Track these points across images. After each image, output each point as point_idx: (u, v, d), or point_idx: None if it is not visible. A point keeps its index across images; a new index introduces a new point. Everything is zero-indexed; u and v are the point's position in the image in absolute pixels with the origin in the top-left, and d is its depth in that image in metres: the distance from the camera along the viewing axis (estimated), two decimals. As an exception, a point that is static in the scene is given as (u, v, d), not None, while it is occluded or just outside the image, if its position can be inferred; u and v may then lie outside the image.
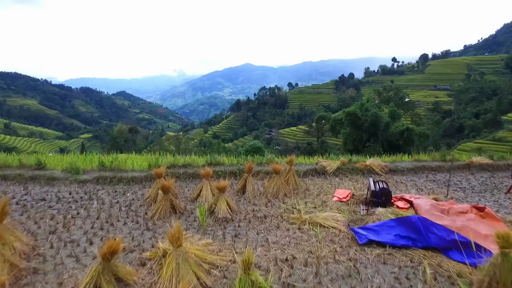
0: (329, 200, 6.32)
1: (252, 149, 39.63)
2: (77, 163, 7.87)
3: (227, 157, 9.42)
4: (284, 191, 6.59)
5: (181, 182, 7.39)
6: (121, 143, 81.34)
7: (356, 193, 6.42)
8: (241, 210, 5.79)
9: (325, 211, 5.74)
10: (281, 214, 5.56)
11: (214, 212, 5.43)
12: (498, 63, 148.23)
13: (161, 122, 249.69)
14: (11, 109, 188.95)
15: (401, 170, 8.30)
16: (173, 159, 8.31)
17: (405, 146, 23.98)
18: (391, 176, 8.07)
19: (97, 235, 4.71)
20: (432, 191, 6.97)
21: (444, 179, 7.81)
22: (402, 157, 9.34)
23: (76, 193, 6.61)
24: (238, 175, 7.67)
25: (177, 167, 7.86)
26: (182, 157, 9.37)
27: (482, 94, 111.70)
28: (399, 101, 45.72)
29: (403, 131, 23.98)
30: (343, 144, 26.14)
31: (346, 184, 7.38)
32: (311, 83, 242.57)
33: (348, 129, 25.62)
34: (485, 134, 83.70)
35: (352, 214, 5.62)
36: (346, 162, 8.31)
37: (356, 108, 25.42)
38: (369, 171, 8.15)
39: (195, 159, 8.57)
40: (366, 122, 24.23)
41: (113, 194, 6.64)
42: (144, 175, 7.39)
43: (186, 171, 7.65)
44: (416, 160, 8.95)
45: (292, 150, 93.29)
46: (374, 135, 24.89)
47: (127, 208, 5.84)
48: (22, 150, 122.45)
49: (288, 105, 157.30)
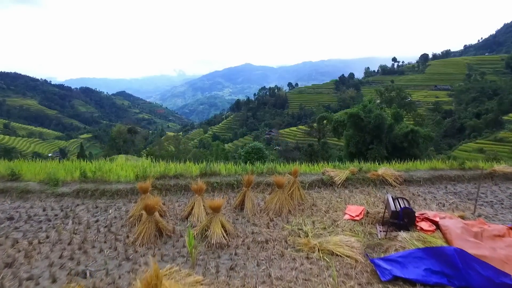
0: (340, 218, 5.51)
1: (253, 151, 38.69)
2: (57, 173, 7.05)
3: (225, 163, 8.66)
4: (288, 207, 5.78)
5: (171, 196, 6.58)
6: (120, 143, 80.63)
7: (371, 210, 5.60)
8: (238, 232, 4.98)
9: (336, 233, 4.93)
10: (285, 238, 4.75)
11: (207, 237, 4.63)
12: (499, 63, 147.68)
13: (161, 122, 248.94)
14: (11, 109, 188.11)
15: (417, 181, 7.49)
16: (164, 167, 7.48)
17: (410, 149, 23.20)
18: (406, 187, 7.26)
19: (65, 268, 3.90)
20: (455, 206, 6.16)
21: (466, 191, 7.01)
22: (416, 164, 8.50)
23: (51, 210, 5.79)
24: (236, 187, 6.86)
25: (167, 178, 7.04)
26: (174, 164, 8.54)
27: (482, 94, 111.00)
28: (401, 101, 44.93)
29: (407, 133, 23.20)
30: (346, 146, 25.34)
31: (357, 197, 6.56)
32: (311, 83, 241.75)
33: (351, 131, 24.84)
34: (486, 135, 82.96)
35: (368, 237, 4.81)
36: (355, 172, 7.50)
37: (358, 110, 24.64)
38: (382, 182, 7.34)
39: (188, 168, 7.75)
40: (370, 124, 23.45)
41: (93, 210, 5.82)
42: (130, 188, 6.57)
43: (178, 182, 6.83)
44: (432, 168, 8.13)
45: (292, 150, 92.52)
46: (377, 137, 24.11)
47: (107, 230, 5.03)
48: (21, 150, 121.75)
49: (288, 105, 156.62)
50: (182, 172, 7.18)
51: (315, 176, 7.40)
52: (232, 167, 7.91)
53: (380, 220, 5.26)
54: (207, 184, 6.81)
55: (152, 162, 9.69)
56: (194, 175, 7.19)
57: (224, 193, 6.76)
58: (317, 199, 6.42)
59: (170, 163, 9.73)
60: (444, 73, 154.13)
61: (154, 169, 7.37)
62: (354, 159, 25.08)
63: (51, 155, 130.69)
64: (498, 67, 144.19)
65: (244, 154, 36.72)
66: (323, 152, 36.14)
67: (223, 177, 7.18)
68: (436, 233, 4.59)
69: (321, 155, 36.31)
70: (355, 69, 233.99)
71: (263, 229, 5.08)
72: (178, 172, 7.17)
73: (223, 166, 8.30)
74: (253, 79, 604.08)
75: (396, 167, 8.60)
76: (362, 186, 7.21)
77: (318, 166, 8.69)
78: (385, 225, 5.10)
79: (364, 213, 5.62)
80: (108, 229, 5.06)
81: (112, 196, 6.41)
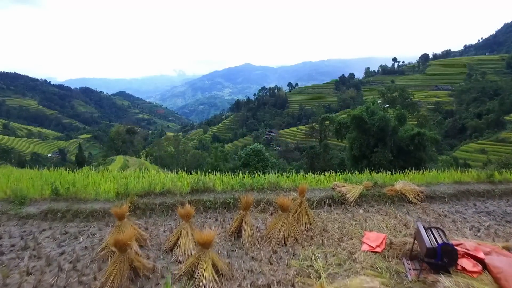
0: (357, 248, 4.55)
1: (253, 153, 37.74)
2: (25, 189, 6.08)
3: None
4: (294, 234, 4.81)
5: (157, 218, 5.61)
6: (118, 144, 79.70)
7: (395, 240, 4.63)
8: (234, 270, 4.01)
9: (355, 271, 3.97)
10: (292, 280, 3.79)
11: (194, 279, 3.67)
12: (499, 63, 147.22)
13: (160, 122, 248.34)
14: (10, 110, 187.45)
15: (441, 197, 6.52)
16: (149, 183, 6.50)
17: (416, 152, 22.25)
18: (429, 204, 6.30)
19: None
20: (493, 231, 5.18)
21: (500, 210, 6.03)
22: (437, 176, 7.51)
23: (8, 238, 4.81)
24: (232, 207, 5.89)
25: (153, 196, 6.07)
26: (164, 175, 7.58)
27: (483, 94, 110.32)
28: (404, 102, 43.95)
29: (413, 135, 22.22)
30: (349, 149, 24.37)
31: (374, 219, 5.59)
32: (311, 83, 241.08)
33: (354, 134, 23.88)
34: (488, 135, 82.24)
35: (395, 278, 3.85)
36: (370, 187, 6.53)
37: (362, 111, 23.67)
38: (400, 199, 6.37)
39: (178, 181, 6.77)
40: (373, 127, 22.50)
41: (60, 238, 4.85)
42: (108, 207, 5.60)
43: (165, 201, 5.85)
44: (456, 182, 7.15)
45: (292, 150, 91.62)
46: (382, 140, 23.15)
47: (71, 267, 4.05)
48: (20, 151, 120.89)
49: (288, 105, 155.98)
50: (170, 188, 6.20)
51: (323, 192, 6.42)
52: (229, 180, 6.94)
53: (408, 253, 4.29)
54: (198, 203, 5.86)
55: (141, 172, 8.71)
56: (184, 191, 6.22)
57: (218, 213, 5.79)
58: (327, 222, 5.45)
59: (159, 173, 8.77)
60: (444, 73, 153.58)
61: (138, 184, 6.38)
62: (358, 163, 24.21)
63: (50, 155, 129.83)
64: (498, 67, 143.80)
65: (244, 156, 35.78)
66: (325, 154, 35.24)
67: (217, 194, 6.20)
68: (484, 275, 3.63)
69: (322, 157, 35.46)
70: (355, 69, 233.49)
71: (264, 266, 4.11)
72: (166, 188, 6.19)
73: (218, 178, 7.34)
74: (253, 79, 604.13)
75: (412, 178, 7.64)
76: (378, 203, 6.24)
77: (326, 178, 7.72)
78: (414, 260, 4.14)
79: (385, 242, 4.66)
80: (73, 266, 4.09)
81: (86, 218, 5.43)
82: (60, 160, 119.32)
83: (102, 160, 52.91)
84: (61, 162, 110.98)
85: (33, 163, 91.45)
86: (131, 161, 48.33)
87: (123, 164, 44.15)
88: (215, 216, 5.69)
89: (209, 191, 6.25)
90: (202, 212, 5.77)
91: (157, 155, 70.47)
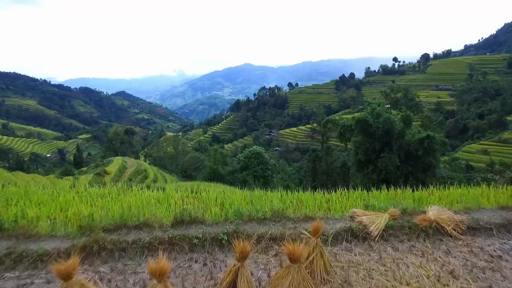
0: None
1: (252, 155, 36.40)
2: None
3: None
4: (308, 292, 3.55)
5: (127, 262, 4.32)
6: (117, 145, 78.46)
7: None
8: None
9: None
10: None
11: None
12: (500, 62, 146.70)
13: (160, 122, 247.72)
14: (10, 109, 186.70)
15: (486, 228, 5.24)
16: (122, 211, 5.22)
17: (426, 157, 21.04)
18: (473, 238, 5.02)
19: None
20: None
21: None
22: (476, 198, 6.22)
23: None
24: (226, 245, 4.62)
25: (125, 229, 4.79)
26: (146, 196, 6.31)
27: (485, 94, 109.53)
28: (409, 102, 42.68)
29: (422, 139, 21.01)
30: (354, 153, 23.17)
31: (409, 265, 4.30)
32: (311, 83, 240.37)
33: (359, 138, 22.67)
34: (490, 136, 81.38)
35: None
36: (397, 216, 5.26)
37: (366, 114, 22.47)
38: (436, 231, 5.10)
39: (155, 211, 5.49)
40: (379, 130, 21.30)
41: (-9, 298, 3.60)
42: (67, 247, 4.33)
43: (139, 238, 4.56)
44: (501, 207, 5.86)
45: (293, 151, 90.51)
46: (388, 144, 21.95)
47: None
48: (19, 151, 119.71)
49: (288, 106, 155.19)
50: (148, 219, 4.92)
51: (340, 223, 5.14)
52: (223, 210, 5.65)
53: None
54: (183, 240, 4.59)
55: (122, 188, 7.45)
56: (165, 223, 4.94)
57: (208, 254, 4.52)
58: (349, 269, 4.17)
59: (143, 191, 7.50)
60: (445, 73, 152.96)
61: (106, 217, 5.09)
62: (364, 168, 22.99)
63: (50, 155, 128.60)
64: (499, 67, 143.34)
65: (243, 159, 34.57)
66: (327, 157, 34.00)
67: (207, 227, 4.92)
68: None
69: (325, 161, 34.20)
70: (355, 69, 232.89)
71: None
72: (143, 220, 4.91)
73: (212, 198, 6.08)
74: (253, 79, 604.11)
75: (438, 198, 6.38)
76: (410, 238, 4.95)
77: (338, 197, 6.45)
78: None
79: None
80: None
81: (34, 263, 4.15)
82: (59, 160, 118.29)
83: (100, 161, 51.85)
84: (60, 162, 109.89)
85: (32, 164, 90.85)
86: (129, 162, 47.21)
87: (121, 166, 43.04)
88: (203, 258, 4.41)
89: (197, 222, 4.97)
90: (187, 253, 4.49)
91: (156, 156, 69.48)
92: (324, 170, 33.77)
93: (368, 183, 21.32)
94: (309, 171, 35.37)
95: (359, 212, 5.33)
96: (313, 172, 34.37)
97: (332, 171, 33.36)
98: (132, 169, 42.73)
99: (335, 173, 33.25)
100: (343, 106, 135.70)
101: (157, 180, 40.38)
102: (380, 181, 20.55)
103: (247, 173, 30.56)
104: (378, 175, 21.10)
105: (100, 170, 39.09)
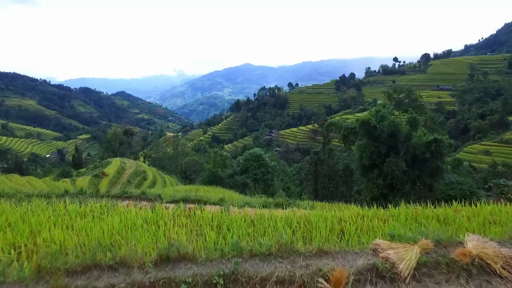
0: None
1: (252, 158, 35.79)
2: None
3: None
4: None
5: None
6: (116, 146, 77.65)
7: None
8: None
9: None
10: None
11: None
12: (501, 62, 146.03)
13: (160, 122, 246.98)
14: (9, 110, 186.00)
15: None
16: (96, 245, 4.11)
17: (434, 161, 20.44)
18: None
19: None
20: None
21: None
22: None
23: None
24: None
25: (97, 270, 3.71)
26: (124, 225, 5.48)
27: (486, 94, 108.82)
28: (413, 103, 42.00)
29: (429, 142, 20.38)
30: (359, 158, 22.54)
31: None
32: (311, 83, 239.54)
33: (364, 141, 22.05)
34: (491, 136, 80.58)
35: None
36: (431, 249, 4.28)
37: (370, 116, 21.80)
38: (480, 269, 4.08)
39: (138, 241, 4.71)
40: (383, 133, 20.66)
41: None
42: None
43: (113, 284, 3.44)
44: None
45: (293, 151, 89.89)
46: (394, 148, 21.35)
47: None
48: (18, 151, 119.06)
49: (288, 106, 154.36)
50: (126, 257, 3.83)
51: (361, 259, 4.05)
52: (216, 239, 4.85)
53: None
54: (168, 284, 3.55)
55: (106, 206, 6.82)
56: (147, 262, 3.85)
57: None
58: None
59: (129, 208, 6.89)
60: (446, 73, 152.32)
61: (78, 250, 4.07)
62: (368, 172, 22.40)
63: (49, 155, 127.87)
64: (500, 67, 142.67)
65: (243, 162, 33.96)
66: (330, 159, 33.43)
67: (199, 267, 3.90)
68: None
69: (327, 163, 33.63)
70: (355, 69, 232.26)
71: None
72: (119, 258, 3.79)
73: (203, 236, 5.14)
74: (253, 79, 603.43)
75: (464, 216, 5.74)
76: (448, 278, 3.89)
77: (351, 218, 5.85)
78: None
79: None
80: None
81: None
82: (59, 160, 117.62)
83: (98, 163, 51.18)
84: (60, 162, 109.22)
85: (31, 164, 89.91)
86: (128, 163, 46.52)
87: (120, 167, 42.41)
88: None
89: (186, 260, 3.95)
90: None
91: (156, 157, 68.89)
92: (326, 173, 33.21)
93: (373, 189, 20.74)
94: (311, 174, 34.81)
95: (383, 244, 4.55)
96: (315, 175, 33.80)
97: (335, 174, 32.78)
98: (131, 170, 42.12)
99: (337, 176, 32.67)
100: (344, 106, 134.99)
101: (156, 182, 39.80)
102: (385, 186, 19.98)
103: (247, 176, 30.06)
104: (384, 180, 20.47)
105: (98, 171, 38.43)
